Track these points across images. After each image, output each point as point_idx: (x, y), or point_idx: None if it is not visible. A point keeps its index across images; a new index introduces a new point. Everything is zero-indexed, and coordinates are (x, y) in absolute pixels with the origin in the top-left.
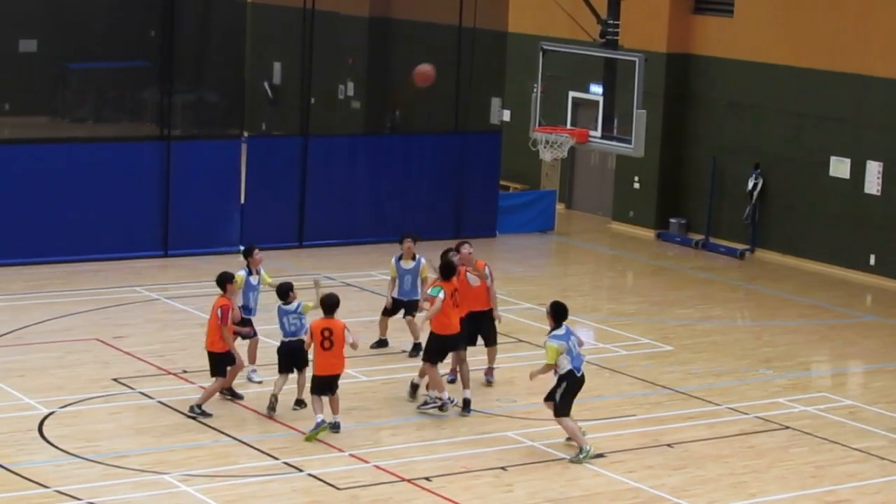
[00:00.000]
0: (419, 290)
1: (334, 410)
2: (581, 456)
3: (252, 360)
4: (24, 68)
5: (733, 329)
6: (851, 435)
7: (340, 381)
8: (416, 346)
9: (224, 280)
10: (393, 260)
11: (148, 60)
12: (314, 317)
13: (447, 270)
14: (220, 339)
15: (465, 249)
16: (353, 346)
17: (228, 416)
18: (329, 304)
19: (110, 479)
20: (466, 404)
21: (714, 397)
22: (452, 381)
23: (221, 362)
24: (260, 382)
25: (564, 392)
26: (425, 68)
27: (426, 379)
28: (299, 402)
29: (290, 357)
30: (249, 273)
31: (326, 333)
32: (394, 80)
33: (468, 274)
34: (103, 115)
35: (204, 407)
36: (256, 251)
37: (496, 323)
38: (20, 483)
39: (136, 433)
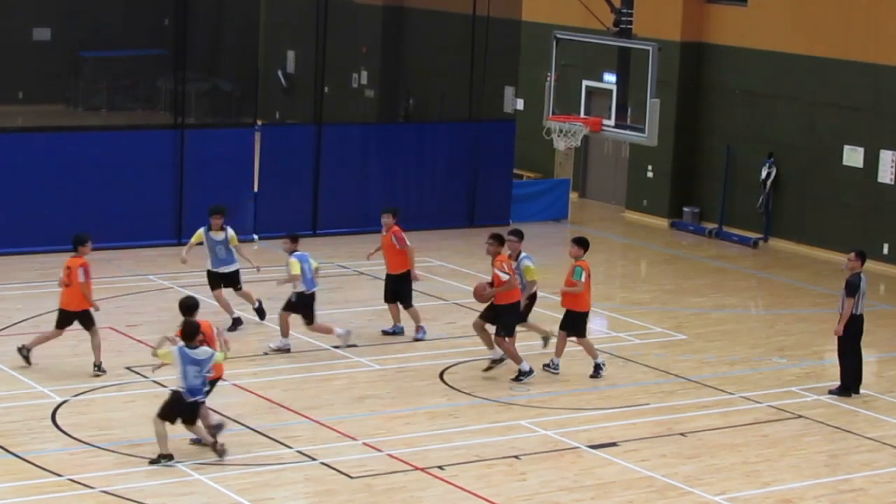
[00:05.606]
0: None
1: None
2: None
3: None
4: (38, 57)
5: (747, 318)
6: (865, 424)
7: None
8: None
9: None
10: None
11: (162, 49)
12: None
13: (586, 244)
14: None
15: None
16: (84, 286)
17: (242, 405)
18: (76, 241)
19: (124, 468)
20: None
21: (727, 386)
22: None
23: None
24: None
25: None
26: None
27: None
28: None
29: None
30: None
31: (67, 271)
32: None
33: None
34: (117, 104)
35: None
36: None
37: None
38: (34, 471)
39: (150, 422)
